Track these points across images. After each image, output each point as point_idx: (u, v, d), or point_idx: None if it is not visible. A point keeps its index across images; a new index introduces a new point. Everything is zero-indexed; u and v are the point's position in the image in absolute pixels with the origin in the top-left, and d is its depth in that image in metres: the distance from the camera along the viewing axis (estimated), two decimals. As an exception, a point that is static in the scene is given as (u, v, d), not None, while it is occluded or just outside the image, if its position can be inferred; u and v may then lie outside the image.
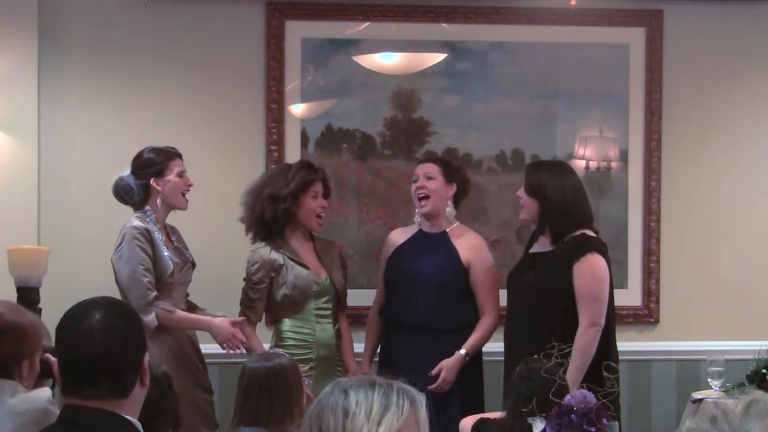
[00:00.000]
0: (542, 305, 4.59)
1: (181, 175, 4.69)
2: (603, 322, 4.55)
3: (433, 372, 4.76)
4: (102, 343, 2.36)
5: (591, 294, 4.54)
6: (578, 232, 4.62)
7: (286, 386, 3.61)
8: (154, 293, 4.51)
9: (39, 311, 4.60)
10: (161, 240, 4.61)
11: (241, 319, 4.71)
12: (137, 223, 4.58)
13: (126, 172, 4.66)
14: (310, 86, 5.42)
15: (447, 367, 4.79)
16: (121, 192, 4.64)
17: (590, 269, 4.55)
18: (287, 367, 3.66)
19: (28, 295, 4.77)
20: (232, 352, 4.65)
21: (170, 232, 4.77)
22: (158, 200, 4.65)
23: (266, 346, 4.78)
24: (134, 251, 4.51)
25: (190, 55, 5.35)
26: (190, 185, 4.73)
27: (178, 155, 4.72)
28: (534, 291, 4.63)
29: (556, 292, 4.56)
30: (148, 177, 4.64)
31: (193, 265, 4.80)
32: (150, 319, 4.44)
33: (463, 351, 4.82)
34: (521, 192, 4.74)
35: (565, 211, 4.62)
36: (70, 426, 2.38)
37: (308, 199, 4.85)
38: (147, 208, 4.64)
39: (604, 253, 4.62)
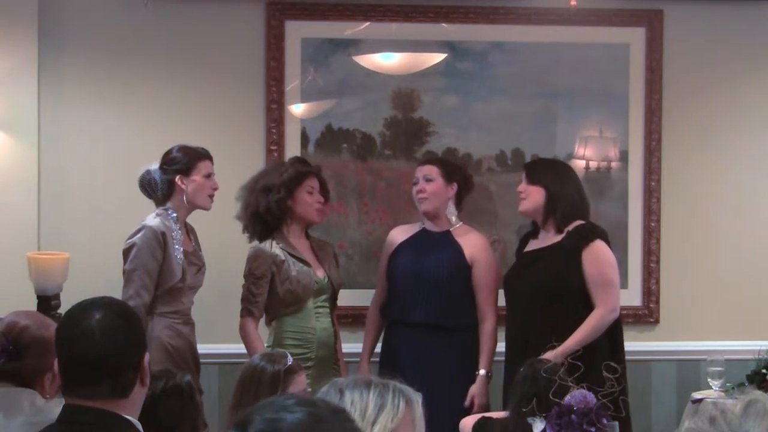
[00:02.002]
0: (550, 299, 4.61)
1: (208, 176, 4.69)
2: (619, 306, 4.64)
3: (467, 403, 4.78)
4: (102, 343, 2.36)
5: (605, 279, 4.63)
6: (579, 222, 4.69)
7: (258, 388, 3.60)
8: (141, 300, 4.47)
9: (59, 318, 4.58)
10: (179, 240, 4.59)
11: None
12: (156, 223, 4.54)
13: (154, 166, 4.65)
14: (310, 86, 5.42)
15: (477, 393, 4.80)
16: (146, 185, 4.64)
17: (601, 256, 4.65)
18: (268, 371, 3.65)
19: (49, 302, 4.73)
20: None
21: (189, 231, 4.77)
22: (183, 198, 4.64)
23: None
24: (141, 253, 4.50)
25: (190, 55, 5.35)
26: (216, 188, 4.71)
27: (208, 157, 4.71)
28: (541, 284, 4.64)
29: (566, 280, 4.61)
30: (174, 173, 4.63)
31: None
32: None
33: (483, 371, 4.84)
34: (522, 185, 4.77)
35: (570, 197, 4.68)
36: (70, 426, 2.38)
37: (304, 194, 4.84)
38: (168, 205, 4.63)
39: (608, 242, 4.72)
